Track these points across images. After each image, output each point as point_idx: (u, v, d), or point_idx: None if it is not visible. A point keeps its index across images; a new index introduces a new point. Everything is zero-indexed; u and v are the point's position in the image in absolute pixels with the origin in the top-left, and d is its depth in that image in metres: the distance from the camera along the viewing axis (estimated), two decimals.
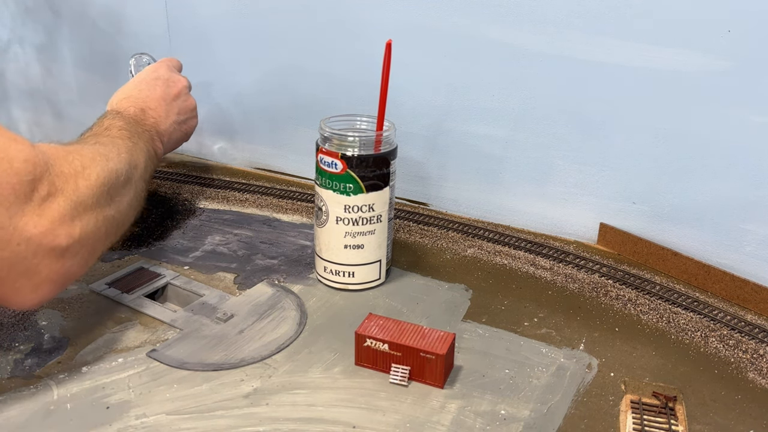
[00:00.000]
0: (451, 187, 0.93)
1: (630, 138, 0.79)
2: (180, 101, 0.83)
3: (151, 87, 0.81)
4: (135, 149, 0.68)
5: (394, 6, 0.87)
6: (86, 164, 0.58)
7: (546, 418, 0.57)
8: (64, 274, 0.55)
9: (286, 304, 0.72)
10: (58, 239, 0.53)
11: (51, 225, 0.52)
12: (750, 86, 0.71)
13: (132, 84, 0.82)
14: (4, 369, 0.61)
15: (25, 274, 0.52)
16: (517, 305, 0.73)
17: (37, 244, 0.52)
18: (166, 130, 0.79)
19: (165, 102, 0.81)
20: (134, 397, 0.57)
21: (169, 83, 0.82)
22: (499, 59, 0.83)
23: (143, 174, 0.69)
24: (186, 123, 0.84)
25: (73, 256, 0.55)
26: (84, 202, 0.56)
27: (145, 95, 0.79)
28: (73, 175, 0.56)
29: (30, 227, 0.51)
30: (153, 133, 0.76)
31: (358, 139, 0.70)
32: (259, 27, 0.98)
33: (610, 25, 0.76)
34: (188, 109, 0.84)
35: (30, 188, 0.51)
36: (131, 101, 0.78)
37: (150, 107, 0.78)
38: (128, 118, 0.74)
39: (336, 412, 0.56)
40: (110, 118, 0.72)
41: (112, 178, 0.60)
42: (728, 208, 0.76)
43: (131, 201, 0.65)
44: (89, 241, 0.56)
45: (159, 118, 0.79)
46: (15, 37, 1.24)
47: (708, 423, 0.57)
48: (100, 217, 0.58)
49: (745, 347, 0.67)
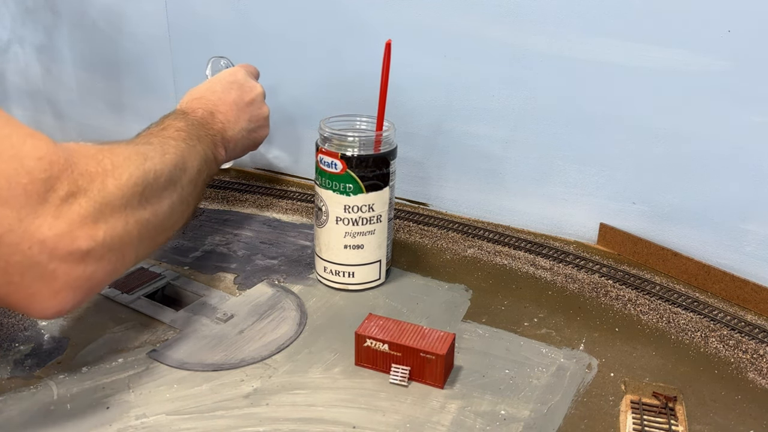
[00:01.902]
0: (451, 187, 0.93)
1: (630, 138, 0.79)
2: (253, 108, 0.80)
3: (225, 90, 0.78)
4: (189, 151, 0.65)
5: (394, 6, 0.87)
6: (118, 163, 0.54)
7: (546, 418, 0.57)
8: (87, 279, 0.51)
9: (286, 305, 0.72)
10: (77, 242, 0.49)
11: (69, 227, 0.49)
12: (750, 86, 0.71)
13: (207, 85, 0.80)
14: (4, 369, 0.61)
15: (41, 279, 0.49)
16: (517, 305, 0.73)
17: (53, 247, 0.48)
18: (233, 136, 0.76)
19: (237, 107, 0.78)
20: (134, 397, 0.57)
21: (245, 88, 0.80)
22: (499, 59, 0.83)
23: (194, 178, 0.65)
24: (256, 132, 0.81)
25: (97, 260, 0.51)
26: (111, 202, 0.52)
27: (217, 98, 0.77)
28: (100, 174, 0.52)
29: (44, 229, 0.48)
30: (218, 138, 0.74)
31: (357, 139, 0.70)
32: (259, 27, 0.98)
33: (610, 25, 0.76)
34: (260, 118, 0.81)
35: (45, 188, 0.48)
36: (202, 102, 0.75)
37: (220, 111, 0.76)
38: (192, 120, 0.71)
39: (336, 413, 0.56)
40: (172, 118, 0.70)
41: (149, 179, 0.56)
42: (728, 208, 0.76)
43: (173, 204, 0.61)
44: (117, 245, 0.53)
45: (228, 123, 0.76)
46: (15, 37, 1.24)
47: (708, 423, 0.57)
48: (131, 219, 0.54)
49: (745, 347, 0.67)
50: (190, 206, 0.65)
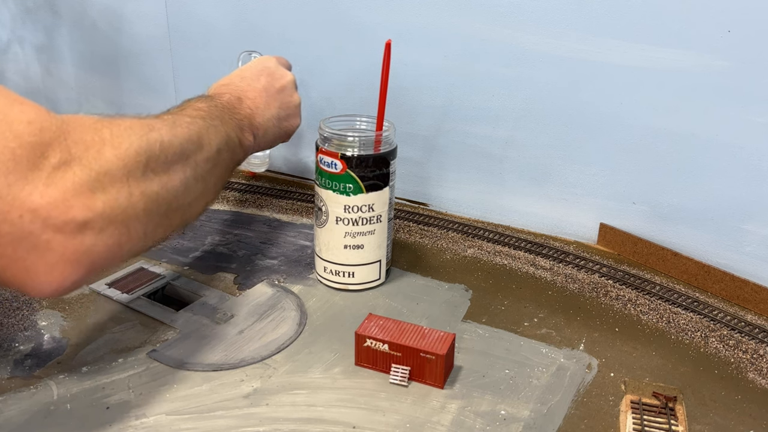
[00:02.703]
0: (451, 187, 0.93)
1: (630, 138, 0.79)
2: (284, 96, 0.77)
3: (255, 77, 0.75)
4: (207, 129, 0.62)
5: (394, 6, 0.87)
6: (118, 133, 0.51)
7: (546, 418, 0.57)
8: (86, 253, 0.48)
9: (286, 305, 0.72)
10: (72, 211, 0.47)
11: (62, 195, 0.46)
12: (750, 86, 0.71)
13: (236, 72, 0.77)
14: (4, 369, 0.61)
15: (35, 251, 0.46)
16: (517, 305, 0.73)
17: (45, 216, 0.45)
18: (262, 123, 0.73)
19: (267, 94, 0.75)
20: (134, 398, 0.57)
21: (275, 76, 0.77)
22: (499, 59, 0.83)
23: (212, 156, 0.62)
24: (287, 120, 0.77)
25: (96, 233, 0.48)
26: (109, 172, 0.49)
27: (246, 84, 0.74)
28: (97, 143, 0.49)
29: (35, 197, 0.45)
30: (245, 123, 0.71)
31: (357, 140, 0.70)
32: (259, 27, 0.98)
33: (610, 25, 0.76)
34: (291, 106, 0.78)
35: (36, 154, 0.46)
36: (230, 88, 0.73)
37: (248, 97, 0.73)
38: (217, 104, 0.69)
39: (336, 413, 0.56)
40: (196, 100, 0.67)
41: (154, 149, 0.53)
42: (728, 208, 0.76)
43: (187, 181, 0.57)
44: (120, 217, 0.50)
45: (256, 109, 0.73)
46: (15, 37, 1.24)
47: (708, 423, 0.57)
48: (136, 191, 0.51)
49: (745, 347, 0.67)
50: (210, 186, 0.62)
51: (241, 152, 0.70)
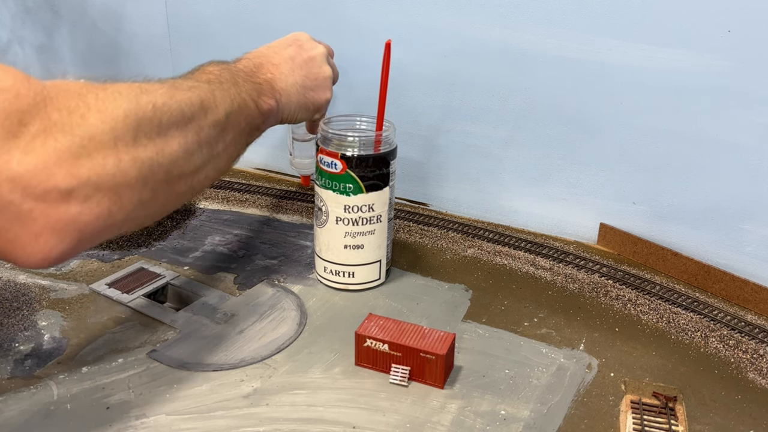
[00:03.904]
0: (451, 187, 0.93)
1: (630, 138, 0.79)
2: (312, 66, 0.74)
3: (283, 46, 0.74)
4: (215, 91, 0.59)
5: (393, 6, 0.87)
6: (104, 97, 0.49)
7: (546, 418, 0.57)
8: (72, 222, 0.47)
9: (286, 305, 0.72)
10: (53, 179, 0.45)
11: (43, 163, 0.45)
12: (750, 86, 0.71)
13: (269, 44, 0.75)
14: (4, 369, 0.61)
15: (18, 221, 0.45)
16: (517, 305, 0.73)
17: (25, 185, 0.44)
18: (284, 89, 0.70)
19: (293, 61, 0.73)
20: (134, 398, 0.57)
21: (305, 47, 0.75)
22: (499, 59, 0.83)
23: (221, 120, 0.59)
24: (314, 91, 0.74)
25: (82, 201, 0.47)
26: (95, 137, 0.47)
27: (272, 52, 0.73)
28: (81, 108, 0.48)
29: (13, 165, 0.44)
30: (265, 87, 0.68)
31: (357, 139, 0.70)
32: (259, 27, 0.98)
33: (610, 25, 0.76)
34: (320, 77, 0.74)
35: (12, 121, 0.44)
36: (255, 54, 0.72)
37: (272, 62, 0.71)
38: (231, 68, 0.66)
39: (336, 413, 0.56)
40: (208, 64, 0.65)
41: (146, 112, 0.51)
42: (728, 208, 0.76)
43: (188, 146, 0.55)
44: (108, 184, 0.48)
45: (278, 74, 0.71)
46: (15, 37, 1.24)
47: (708, 423, 0.57)
48: (126, 157, 0.49)
49: (745, 347, 0.67)
50: (219, 152, 0.59)
51: (259, 117, 0.66)
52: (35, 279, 0.75)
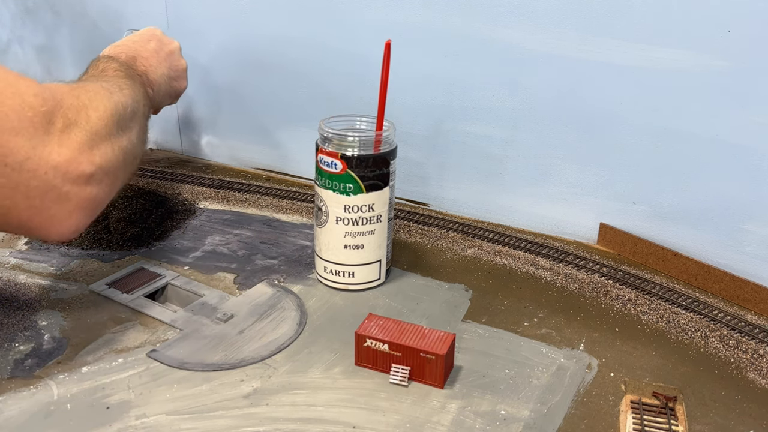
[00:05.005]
0: (451, 187, 0.93)
1: (630, 138, 0.79)
2: (173, 59, 0.84)
3: (144, 41, 0.82)
4: (134, 86, 0.70)
5: (393, 6, 0.87)
6: (92, 97, 0.60)
7: (546, 418, 0.57)
8: (93, 200, 0.59)
9: (286, 305, 0.72)
10: (81, 166, 0.56)
11: (72, 153, 0.56)
12: (750, 86, 0.71)
13: (126, 39, 0.83)
14: (4, 369, 0.61)
15: (58, 201, 0.56)
16: (517, 305, 0.73)
17: (64, 171, 0.55)
18: (156, 80, 0.80)
19: (158, 54, 0.81)
20: (134, 398, 0.57)
21: (164, 41, 0.84)
22: (499, 59, 0.83)
23: (143, 110, 0.70)
24: (177, 81, 0.85)
25: (98, 182, 0.58)
26: (98, 131, 0.58)
27: (138, 46, 0.80)
28: (83, 107, 0.58)
29: (54, 156, 0.55)
30: (144, 79, 0.77)
31: (357, 139, 0.70)
32: (259, 27, 0.98)
33: (610, 25, 0.76)
34: (180, 69, 0.85)
35: (46, 120, 0.54)
36: (123, 49, 0.79)
37: (142, 56, 0.79)
38: (122, 62, 0.75)
39: (336, 412, 0.56)
40: (104, 61, 0.73)
41: (120, 110, 0.62)
42: (728, 208, 0.75)
43: (139, 134, 0.67)
44: (111, 168, 0.60)
45: (150, 67, 0.79)
46: (15, 37, 1.24)
47: (708, 423, 0.57)
48: (116, 146, 0.61)
49: (745, 347, 0.67)
50: (146, 135, 0.71)
51: (150, 106, 0.77)
52: (35, 279, 0.75)
